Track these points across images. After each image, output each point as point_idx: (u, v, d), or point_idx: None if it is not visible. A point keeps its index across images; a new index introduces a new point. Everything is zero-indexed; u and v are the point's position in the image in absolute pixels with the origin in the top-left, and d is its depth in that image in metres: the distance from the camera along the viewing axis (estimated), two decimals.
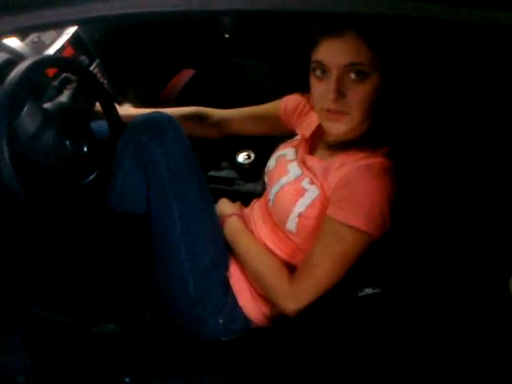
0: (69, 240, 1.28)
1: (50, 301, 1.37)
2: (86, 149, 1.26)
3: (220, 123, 1.48)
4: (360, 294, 1.12)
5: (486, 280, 1.04)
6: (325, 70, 1.00)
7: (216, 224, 1.25)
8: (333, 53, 0.98)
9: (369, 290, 1.12)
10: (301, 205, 1.10)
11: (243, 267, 1.22)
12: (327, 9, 0.67)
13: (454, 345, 1.04)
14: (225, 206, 1.32)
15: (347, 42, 0.96)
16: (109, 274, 1.32)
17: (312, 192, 1.10)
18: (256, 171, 1.63)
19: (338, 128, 1.05)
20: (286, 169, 1.19)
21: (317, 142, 1.22)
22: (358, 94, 0.99)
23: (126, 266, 1.30)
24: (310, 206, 1.09)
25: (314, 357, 1.15)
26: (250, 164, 1.64)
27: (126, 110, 1.57)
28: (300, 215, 1.10)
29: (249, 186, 1.65)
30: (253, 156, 1.66)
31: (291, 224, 1.12)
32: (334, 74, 0.98)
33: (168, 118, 1.23)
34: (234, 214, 1.28)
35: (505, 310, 0.98)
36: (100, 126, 1.38)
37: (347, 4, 0.65)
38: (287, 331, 1.18)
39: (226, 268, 1.23)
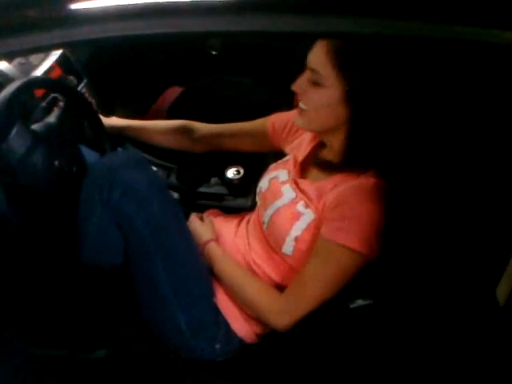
0: (56, 264, 1.27)
1: (35, 335, 1.35)
2: (75, 169, 1.26)
3: (208, 138, 1.48)
4: (352, 306, 1.12)
5: (475, 290, 1.05)
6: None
7: (198, 256, 1.21)
8: (310, 54, 1.04)
9: (360, 302, 1.12)
10: (297, 229, 1.09)
11: (230, 291, 1.20)
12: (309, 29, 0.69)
13: (445, 355, 1.05)
14: (198, 231, 1.26)
15: (319, 50, 1.02)
16: (94, 303, 1.31)
17: (307, 216, 1.09)
18: (245, 187, 1.64)
19: (297, 120, 1.12)
20: (280, 191, 1.17)
21: (309, 165, 1.21)
22: (313, 97, 1.05)
23: (113, 292, 1.29)
24: (305, 230, 1.09)
25: (307, 369, 1.15)
26: (239, 180, 1.65)
27: (114, 121, 1.56)
28: (296, 239, 1.10)
29: (238, 201, 1.66)
30: (242, 171, 1.66)
31: (288, 248, 1.11)
32: (306, 70, 1.05)
33: (135, 161, 1.14)
34: (210, 240, 1.24)
35: (495, 319, 0.98)
36: (88, 149, 1.38)
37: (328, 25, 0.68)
38: (280, 345, 1.18)
39: (214, 296, 1.20)
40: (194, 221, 1.31)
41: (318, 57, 1.02)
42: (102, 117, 1.49)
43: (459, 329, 1.04)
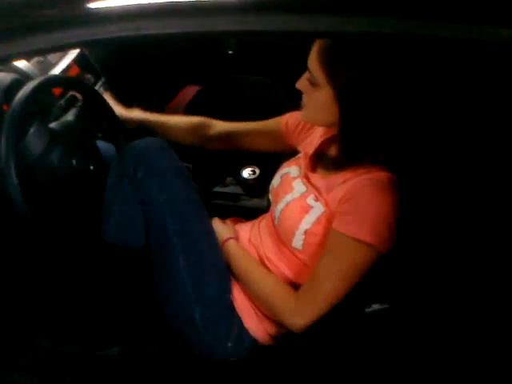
0: (73, 259, 1.29)
1: (54, 331, 1.37)
2: (92, 166, 1.26)
3: (224, 136, 1.48)
4: (367, 310, 1.11)
5: (495, 293, 1.03)
6: None
7: (217, 249, 1.23)
8: (310, 55, 1.05)
9: (376, 306, 1.11)
10: (306, 222, 1.10)
11: (246, 290, 1.20)
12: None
13: (463, 360, 1.03)
14: (219, 230, 1.29)
15: (312, 52, 1.04)
16: (111, 298, 1.32)
17: (317, 209, 1.09)
18: (261, 187, 1.63)
19: (301, 114, 1.16)
20: (291, 186, 1.19)
21: (319, 160, 1.22)
22: (311, 96, 1.08)
23: (128, 289, 1.30)
24: (315, 223, 1.09)
25: (321, 373, 1.14)
26: (254, 180, 1.65)
27: (135, 113, 1.55)
28: (306, 232, 1.10)
29: (254, 201, 1.65)
30: (258, 171, 1.66)
31: (297, 242, 1.12)
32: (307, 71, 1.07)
33: (161, 146, 1.21)
34: (230, 238, 1.26)
35: None
36: (105, 144, 1.39)
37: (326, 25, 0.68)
38: (294, 348, 1.17)
39: (230, 292, 1.21)
40: (215, 221, 1.33)
41: (311, 58, 1.04)
42: (121, 108, 1.50)
43: (479, 335, 1.03)
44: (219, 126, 1.50)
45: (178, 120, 1.55)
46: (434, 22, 0.67)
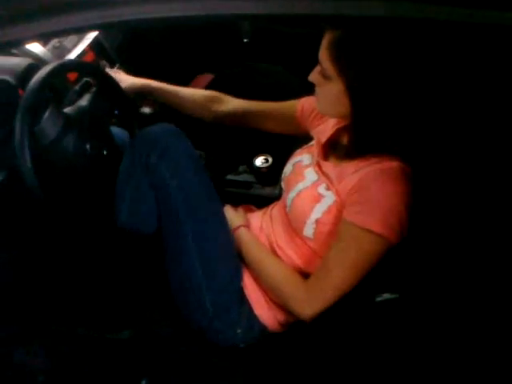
0: (86, 244, 1.30)
1: (65, 314, 1.39)
2: (105, 152, 1.27)
3: (236, 112, 1.47)
4: (378, 299, 1.11)
5: (506, 285, 1.02)
6: None
7: (229, 236, 1.24)
8: (320, 48, 1.05)
9: (387, 295, 1.11)
10: (317, 211, 1.09)
11: (257, 277, 1.21)
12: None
13: (472, 350, 1.03)
14: (230, 217, 1.29)
15: (322, 44, 1.03)
16: (122, 283, 1.33)
17: (328, 198, 1.09)
18: (274, 175, 1.63)
19: (317, 106, 1.16)
20: (303, 174, 1.19)
21: (332, 148, 1.21)
22: (323, 89, 1.08)
23: (139, 274, 1.31)
24: (326, 212, 1.08)
25: (331, 362, 1.14)
26: (267, 168, 1.64)
27: (148, 82, 1.54)
28: (317, 221, 1.10)
29: (266, 190, 1.65)
30: (270, 160, 1.65)
31: (308, 230, 1.12)
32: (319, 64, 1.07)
33: (174, 132, 1.21)
34: (242, 225, 1.26)
35: None
36: (119, 129, 1.39)
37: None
38: (304, 336, 1.18)
39: (241, 279, 1.22)
40: (227, 208, 1.33)
41: (321, 51, 1.04)
42: (133, 78, 1.51)
43: (489, 325, 1.02)
44: (232, 102, 1.49)
45: (192, 91, 1.55)
46: (446, 5, 0.66)
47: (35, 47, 1.42)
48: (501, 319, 1.01)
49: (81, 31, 1.37)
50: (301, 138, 1.40)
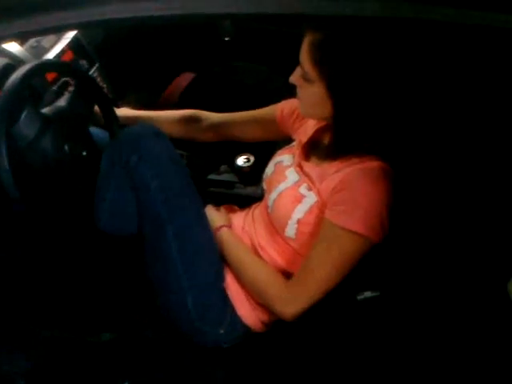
0: (65, 246, 1.28)
1: (47, 317, 1.37)
2: (84, 153, 1.26)
3: (216, 126, 1.48)
4: (359, 298, 1.11)
5: (485, 283, 1.03)
6: None
7: (211, 236, 1.23)
8: (301, 51, 1.04)
9: (368, 294, 1.11)
10: (299, 211, 1.09)
11: (239, 277, 1.20)
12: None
13: (453, 348, 1.04)
14: (212, 217, 1.28)
15: (303, 46, 1.03)
16: (103, 285, 1.32)
17: (310, 198, 1.09)
18: (256, 175, 1.62)
19: (299, 108, 1.17)
20: (284, 175, 1.19)
21: (313, 148, 1.21)
22: (304, 91, 1.08)
23: (121, 276, 1.30)
24: (308, 212, 1.09)
25: (313, 361, 1.15)
26: (249, 167, 1.64)
27: (123, 111, 1.56)
28: (299, 221, 1.10)
29: (248, 189, 1.65)
30: (252, 159, 1.65)
31: (290, 231, 1.12)
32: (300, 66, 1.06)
33: (155, 133, 1.20)
34: (223, 226, 1.26)
35: (504, 312, 0.97)
36: (99, 130, 1.38)
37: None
38: (286, 335, 1.18)
39: (223, 280, 1.21)
40: (209, 208, 1.32)
41: (302, 54, 1.03)
42: None
43: (469, 323, 1.03)
44: (211, 117, 1.49)
45: (170, 114, 1.54)
46: (429, 5, 0.66)
47: (12, 47, 1.40)
48: (481, 314, 1.03)
49: (59, 30, 1.35)
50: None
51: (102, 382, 1.25)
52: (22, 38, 1.37)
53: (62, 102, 1.27)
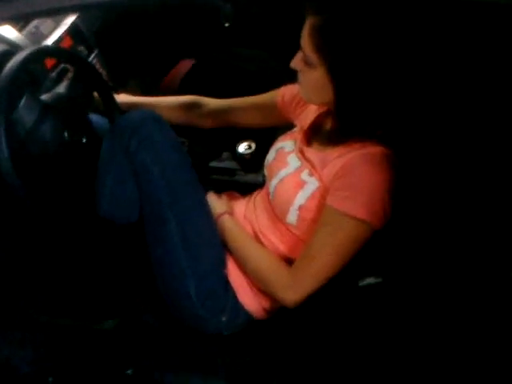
0: (66, 234, 1.28)
1: (49, 304, 1.38)
2: (84, 139, 1.25)
3: (217, 113, 1.47)
4: (361, 284, 1.11)
5: (488, 270, 1.03)
6: None
7: (212, 223, 1.23)
8: (302, 35, 1.03)
9: (370, 280, 1.11)
10: (301, 197, 1.09)
11: (241, 264, 1.20)
12: None
13: (454, 335, 1.04)
14: (214, 204, 1.28)
15: (304, 30, 1.01)
16: (105, 272, 1.32)
17: (312, 184, 1.08)
18: (257, 161, 1.62)
19: (300, 93, 1.16)
20: (286, 161, 1.18)
21: (315, 134, 1.21)
22: (306, 76, 1.07)
23: (122, 263, 1.30)
24: (310, 198, 1.08)
25: (315, 347, 1.15)
26: (250, 154, 1.63)
27: (123, 97, 1.55)
28: (300, 208, 1.09)
29: (250, 176, 1.64)
30: (254, 146, 1.64)
31: (292, 217, 1.11)
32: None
33: (155, 118, 1.19)
34: (225, 212, 1.25)
35: (506, 300, 0.97)
36: (98, 116, 1.37)
37: None
38: (288, 322, 1.18)
39: (225, 266, 1.21)
40: (210, 195, 1.32)
41: (303, 38, 1.02)
42: None
43: (471, 310, 1.03)
44: (212, 103, 1.48)
45: (169, 100, 1.53)
46: None
47: (11, 33, 1.38)
48: (483, 304, 1.02)
49: (56, 13, 1.34)
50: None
51: (106, 369, 1.25)
52: (21, 20, 1.35)
53: (61, 88, 1.26)
